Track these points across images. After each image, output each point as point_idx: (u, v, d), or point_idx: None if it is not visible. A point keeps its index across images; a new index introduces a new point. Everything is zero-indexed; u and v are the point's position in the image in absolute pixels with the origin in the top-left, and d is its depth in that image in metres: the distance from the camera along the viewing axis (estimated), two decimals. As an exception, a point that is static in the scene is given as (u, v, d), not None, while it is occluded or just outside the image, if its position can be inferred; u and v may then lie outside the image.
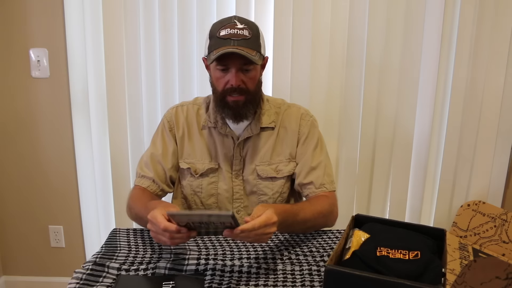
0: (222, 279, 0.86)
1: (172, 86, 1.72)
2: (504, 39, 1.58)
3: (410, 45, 1.62)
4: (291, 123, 1.20)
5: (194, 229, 0.84)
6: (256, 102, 1.13)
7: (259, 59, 1.05)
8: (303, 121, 1.20)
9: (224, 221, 0.80)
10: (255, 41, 1.05)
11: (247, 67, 1.05)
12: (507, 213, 1.59)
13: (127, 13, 1.65)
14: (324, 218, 1.09)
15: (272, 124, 1.18)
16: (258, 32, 1.07)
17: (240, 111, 1.09)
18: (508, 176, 1.74)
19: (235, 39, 1.02)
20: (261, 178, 1.18)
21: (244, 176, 1.18)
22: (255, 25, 1.09)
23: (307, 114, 1.22)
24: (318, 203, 1.11)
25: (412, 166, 1.74)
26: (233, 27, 1.04)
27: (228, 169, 1.18)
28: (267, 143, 1.18)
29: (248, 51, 1.02)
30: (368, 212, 1.79)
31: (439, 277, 0.74)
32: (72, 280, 0.84)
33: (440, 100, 1.69)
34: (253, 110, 1.12)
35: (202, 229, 0.86)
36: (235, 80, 1.05)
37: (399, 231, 0.88)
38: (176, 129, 1.21)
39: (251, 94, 1.09)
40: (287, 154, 1.19)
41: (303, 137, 1.19)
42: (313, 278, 0.87)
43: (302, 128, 1.20)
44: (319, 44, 1.64)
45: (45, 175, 1.88)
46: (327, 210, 1.10)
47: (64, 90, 1.78)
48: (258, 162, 1.18)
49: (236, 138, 1.16)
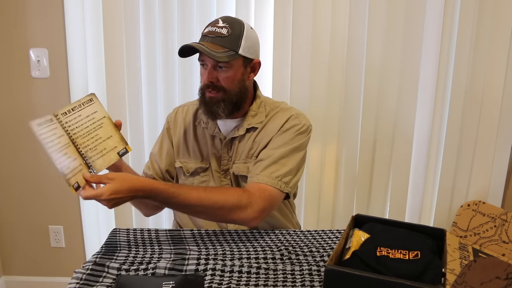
0: (222, 279, 0.86)
1: (172, 86, 1.72)
2: (504, 39, 1.58)
3: (410, 45, 1.62)
4: (275, 122, 1.15)
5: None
6: (233, 102, 1.09)
7: (229, 57, 1.03)
8: (290, 120, 1.14)
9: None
10: (232, 40, 1.04)
11: (222, 65, 1.05)
12: (507, 213, 1.59)
13: (127, 13, 1.65)
14: (221, 210, 0.99)
15: (259, 125, 1.15)
16: (240, 32, 1.06)
17: (211, 108, 1.09)
18: (508, 176, 1.74)
19: (211, 36, 1.05)
20: (236, 176, 1.16)
21: (231, 175, 1.18)
22: (241, 25, 1.07)
23: (296, 117, 1.14)
24: (226, 193, 1.02)
25: (412, 166, 1.74)
26: (214, 25, 1.07)
27: (217, 168, 1.18)
28: (247, 142, 1.16)
29: (216, 49, 1.02)
30: (368, 212, 1.79)
31: (439, 277, 0.74)
32: (72, 280, 0.84)
33: (440, 100, 1.69)
34: (227, 110, 1.09)
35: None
36: (207, 76, 1.07)
37: (399, 231, 0.88)
38: (173, 129, 1.23)
39: (227, 93, 1.08)
40: (258, 153, 1.14)
41: (280, 132, 1.13)
42: (313, 278, 0.87)
43: (285, 125, 1.13)
44: (319, 44, 1.64)
45: (45, 175, 1.88)
46: (230, 202, 1.00)
47: (64, 90, 1.78)
48: (237, 161, 1.17)
49: (223, 138, 1.16)
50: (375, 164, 1.74)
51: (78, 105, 0.96)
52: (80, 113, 0.95)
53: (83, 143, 0.93)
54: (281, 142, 1.11)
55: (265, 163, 1.08)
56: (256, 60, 1.12)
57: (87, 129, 0.95)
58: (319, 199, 1.78)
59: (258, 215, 1.02)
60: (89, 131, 0.96)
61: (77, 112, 0.95)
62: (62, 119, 0.91)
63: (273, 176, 1.07)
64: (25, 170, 1.88)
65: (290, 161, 1.10)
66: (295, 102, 1.67)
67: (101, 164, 0.96)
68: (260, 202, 1.02)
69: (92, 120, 0.97)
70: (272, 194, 1.06)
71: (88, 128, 0.96)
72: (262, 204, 1.03)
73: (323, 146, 1.73)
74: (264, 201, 1.03)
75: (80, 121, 0.95)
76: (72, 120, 0.93)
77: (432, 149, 1.73)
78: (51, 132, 0.89)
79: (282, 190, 1.07)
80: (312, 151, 1.73)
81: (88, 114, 0.97)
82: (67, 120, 0.92)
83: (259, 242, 1.04)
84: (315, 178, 1.76)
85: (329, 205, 1.80)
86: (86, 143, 0.94)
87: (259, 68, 1.15)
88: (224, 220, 1.07)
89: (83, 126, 0.95)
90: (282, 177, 1.07)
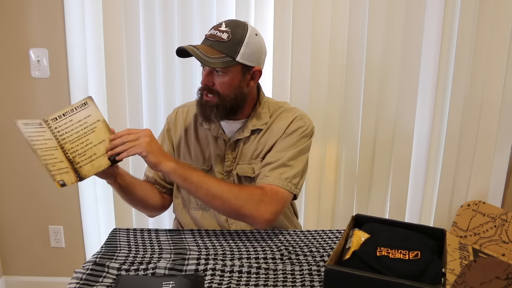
0: (222, 279, 0.86)
1: (172, 86, 1.72)
2: (504, 39, 1.59)
3: (410, 45, 1.62)
4: (280, 123, 1.15)
5: None
6: (227, 108, 1.09)
7: (223, 63, 1.02)
8: (295, 121, 1.14)
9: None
10: (230, 46, 1.03)
11: (219, 70, 1.05)
12: (507, 213, 1.58)
13: (127, 13, 1.65)
14: (237, 199, 1.01)
15: (264, 126, 1.15)
16: (241, 38, 1.04)
17: (205, 111, 1.09)
18: (508, 176, 1.74)
19: (211, 39, 1.05)
20: (240, 178, 1.16)
21: (235, 176, 1.18)
22: (244, 31, 1.05)
23: (301, 119, 1.15)
24: (242, 186, 1.07)
25: (412, 166, 1.74)
26: (216, 28, 1.06)
27: (220, 170, 1.18)
28: (252, 143, 1.15)
29: (212, 53, 1.02)
30: (368, 212, 1.79)
31: (439, 277, 0.74)
32: (72, 280, 0.84)
33: (440, 100, 1.69)
34: (219, 115, 1.08)
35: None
36: (203, 79, 1.07)
37: (399, 231, 0.88)
38: (174, 131, 1.23)
39: (221, 98, 1.07)
40: (263, 154, 1.15)
41: (285, 134, 1.13)
42: (313, 278, 0.87)
43: (290, 127, 1.13)
44: (319, 45, 1.64)
45: (45, 175, 1.87)
46: (245, 194, 1.02)
47: (64, 90, 1.78)
48: (241, 162, 1.16)
49: (228, 140, 1.16)
50: (375, 164, 1.74)
51: (70, 110, 0.95)
52: (71, 118, 0.94)
53: (71, 149, 0.92)
54: (287, 144, 1.12)
55: (274, 165, 1.09)
56: (256, 68, 1.09)
57: (77, 134, 0.94)
58: (319, 199, 1.78)
59: (271, 217, 1.03)
60: (79, 136, 0.94)
61: (68, 117, 0.94)
62: (51, 125, 0.91)
63: (283, 177, 1.07)
64: (25, 170, 1.88)
65: (297, 163, 1.11)
66: (295, 102, 1.67)
67: (88, 170, 0.94)
68: (273, 204, 1.04)
69: (84, 125, 0.95)
70: (284, 196, 1.07)
71: (78, 133, 0.94)
72: (275, 206, 1.04)
73: (323, 146, 1.73)
74: (277, 203, 1.05)
75: (70, 126, 0.94)
76: (62, 126, 0.93)
77: (432, 149, 1.73)
78: (38, 134, 0.89)
79: (292, 192, 1.08)
80: (312, 151, 1.71)
81: (81, 119, 0.95)
82: (56, 125, 0.92)
83: (259, 242, 1.04)
84: (315, 178, 1.76)
85: (329, 205, 1.80)
86: (74, 148, 0.93)
87: (259, 76, 1.12)
88: (237, 211, 1.03)
89: (73, 132, 0.94)
90: (291, 178, 1.08)
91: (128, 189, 1.10)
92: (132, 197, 1.13)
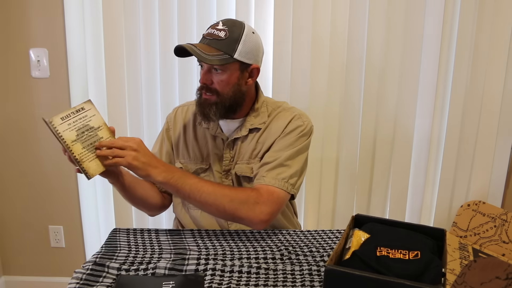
0: (222, 279, 0.86)
1: (172, 86, 1.72)
2: (504, 39, 1.58)
3: (410, 44, 1.62)
4: (278, 122, 1.14)
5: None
6: (226, 106, 1.09)
7: (221, 61, 1.02)
8: (294, 120, 1.14)
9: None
10: (228, 44, 1.04)
11: (217, 67, 1.05)
12: (507, 213, 1.58)
13: (127, 13, 1.65)
14: (231, 203, 1.01)
15: (262, 125, 1.15)
16: (239, 36, 1.05)
17: (204, 110, 1.09)
18: (508, 176, 1.74)
19: (208, 38, 1.06)
20: (239, 177, 1.16)
21: (233, 175, 1.18)
22: (241, 29, 1.06)
23: (299, 118, 1.15)
24: (237, 189, 1.06)
25: (412, 165, 1.74)
26: (214, 27, 1.07)
27: (218, 169, 1.18)
28: (250, 143, 1.16)
29: (210, 51, 1.02)
30: (368, 212, 1.79)
31: (439, 277, 0.74)
32: (72, 280, 0.84)
33: (440, 100, 1.69)
34: (219, 113, 1.09)
35: None
36: (202, 77, 1.08)
37: (399, 231, 0.88)
38: (173, 130, 1.23)
39: (220, 97, 1.08)
40: (262, 154, 1.15)
41: (284, 133, 1.13)
42: (313, 278, 0.87)
43: (289, 126, 1.13)
44: (319, 44, 1.64)
45: (45, 175, 1.88)
46: (240, 197, 1.02)
47: (64, 90, 1.78)
48: (240, 162, 1.16)
49: (226, 139, 1.16)
50: (375, 164, 1.74)
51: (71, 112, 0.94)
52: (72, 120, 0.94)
53: (77, 150, 0.92)
54: (286, 144, 1.11)
55: (271, 165, 1.09)
56: (254, 65, 1.10)
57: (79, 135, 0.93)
58: (319, 199, 1.78)
59: (267, 218, 1.03)
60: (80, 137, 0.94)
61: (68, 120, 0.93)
62: (57, 126, 0.91)
63: (280, 177, 1.07)
64: (25, 170, 1.88)
65: (295, 162, 1.11)
66: (295, 102, 1.67)
67: (94, 169, 0.94)
68: (269, 205, 1.03)
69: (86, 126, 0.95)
70: (280, 196, 1.07)
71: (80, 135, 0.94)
72: (271, 207, 1.04)
73: (323, 145, 1.73)
74: (272, 203, 1.04)
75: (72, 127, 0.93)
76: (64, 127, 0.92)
77: (432, 149, 1.73)
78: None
79: (289, 192, 1.08)
80: (312, 150, 1.71)
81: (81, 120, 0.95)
82: (58, 128, 0.91)
83: (259, 242, 1.04)
84: (315, 178, 1.76)
85: (329, 205, 1.80)
86: (80, 150, 0.93)
87: (257, 74, 1.12)
88: (232, 215, 1.03)
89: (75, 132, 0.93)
90: (288, 178, 1.08)
91: (130, 188, 1.10)
92: (133, 196, 1.13)
